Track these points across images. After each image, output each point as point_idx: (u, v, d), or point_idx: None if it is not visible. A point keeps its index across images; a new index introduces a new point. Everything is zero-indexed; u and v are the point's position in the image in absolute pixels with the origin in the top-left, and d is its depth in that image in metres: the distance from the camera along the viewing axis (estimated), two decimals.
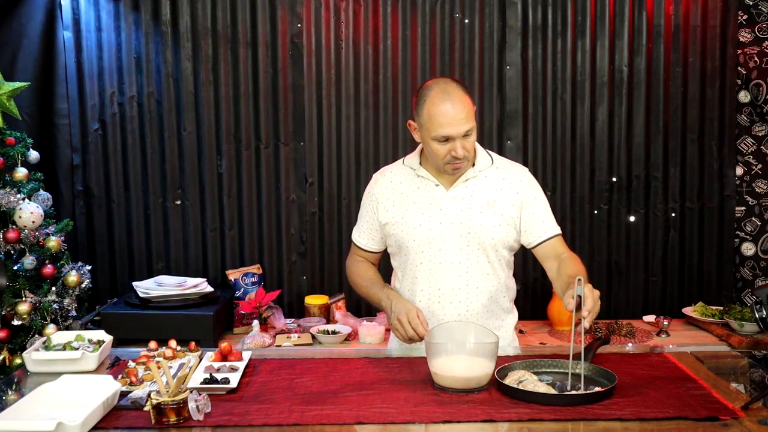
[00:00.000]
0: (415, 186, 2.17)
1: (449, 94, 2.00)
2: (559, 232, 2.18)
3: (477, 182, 2.14)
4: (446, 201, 2.13)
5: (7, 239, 2.80)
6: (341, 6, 3.40)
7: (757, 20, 3.42)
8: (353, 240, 2.33)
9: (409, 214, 2.14)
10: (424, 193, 2.15)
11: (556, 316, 3.32)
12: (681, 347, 2.19)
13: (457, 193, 2.13)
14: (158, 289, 3.15)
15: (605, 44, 3.44)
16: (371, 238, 2.27)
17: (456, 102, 2.00)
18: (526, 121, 3.48)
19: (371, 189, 2.24)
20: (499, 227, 2.11)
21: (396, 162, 2.29)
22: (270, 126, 3.45)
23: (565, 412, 1.62)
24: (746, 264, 3.51)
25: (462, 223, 2.11)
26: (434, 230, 2.11)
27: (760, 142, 3.46)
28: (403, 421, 1.60)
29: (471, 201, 2.12)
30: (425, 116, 2.02)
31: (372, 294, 2.20)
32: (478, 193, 2.13)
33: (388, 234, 2.19)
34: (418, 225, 2.12)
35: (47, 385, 1.73)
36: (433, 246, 2.12)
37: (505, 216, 2.12)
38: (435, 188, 2.15)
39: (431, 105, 2.01)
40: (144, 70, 3.40)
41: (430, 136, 2.03)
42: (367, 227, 2.26)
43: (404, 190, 2.18)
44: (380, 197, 2.20)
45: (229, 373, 1.86)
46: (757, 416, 1.59)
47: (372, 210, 2.22)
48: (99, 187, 3.46)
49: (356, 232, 2.31)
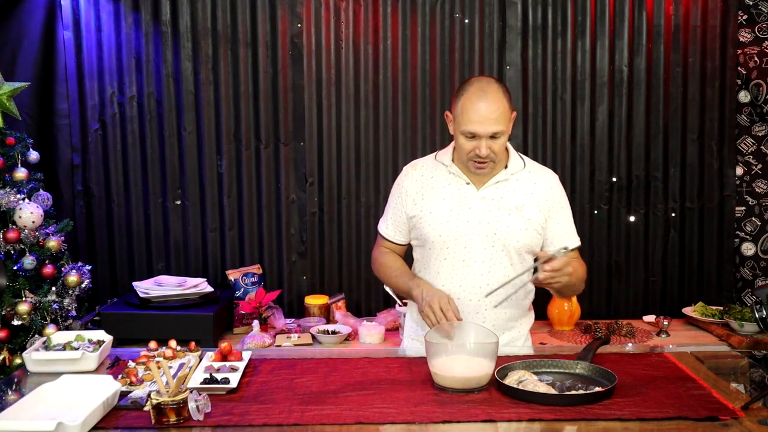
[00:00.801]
0: (446, 182, 2.18)
1: (486, 93, 2.03)
2: (579, 245, 2.22)
3: (508, 185, 2.16)
4: (476, 200, 2.14)
5: (7, 239, 2.80)
6: (341, 6, 3.40)
7: (757, 20, 3.42)
8: (380, 231, 2.33)
9: (438, 209, 2.15)
10: (454, 190, 2.16)
11: (556, 316, 3.32)
12: (681, 347, 2.19)
13: (487, 194, 2.14)
14: (158, 289, 3.15)
15: (605, 44, 3.44)
16: (398, 230, 2.27)
17: (491, 102, 2.01)
18: (526, 121, 3.48)
19: (401, 181, 2.26)
20: (525, 231, 2.12)
21: (427, 156, 2.30)
22: (270, 126, 3.45)
23: (565, 412, 1.62)
24: (746, 264, 3.51)
25: (489, 224, 2.12)
26: (461, 228, 2.12)
27: (760, 142, 3.46)
28: (403, 421, 1.60)
29: (500, 203, 2.13)
30: (459, 109, 2.06)
31: (401, 283, 2.20)
32: (508, 195, 2.14)
33: (414, 227, 2.20)
34: (446, 221, 2.14)
35: (47, 385, 1.73)
36: (458, 243, 2.13)
37: (532, 221, 2.13)
38: (465, 186, 2.16)
39: (467, 99, 2.04)
40: (144, 70, 3.40)
41: (459, 130, 2.07)
42: (394, 219, 2.27)
43: (434, 185, 2.19)
44: (410, 190, 2.21)
45: (229, 373, 1.86)
46: (757, 416, 1.59)
47: (401, 202, 2.23)
48: (99, 187, 3.46)
49: (383, 224, 2.32)
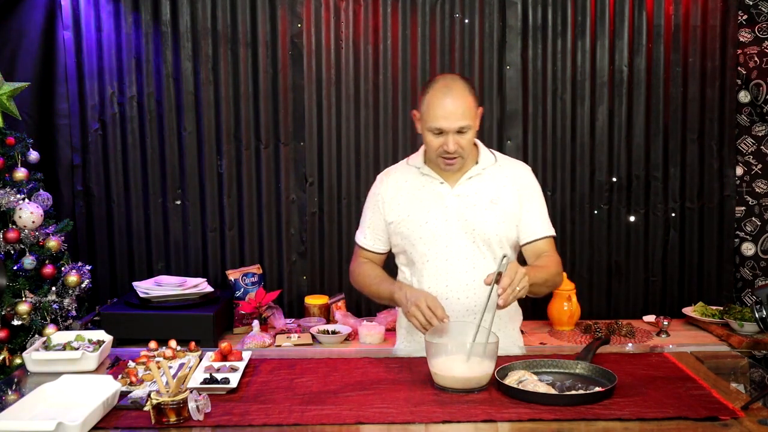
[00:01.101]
0: (420, 184, 2.19)
1: (451, 89, 2.05)
2: (552, 234, 2.21)
3: (481, 179, 2.17)
4: (451, 198, 2.15)
5: (7, 239, 2.80)
6: (341, 6, 3.40)
7: (757, 20, 3.42)
8: (358, 243, 2.32)
9: (415, 212, 2.16)
10: (429, 191, 2.17)
11: (556, 316, 3.32)
12: (681, 347, 2.18)
13: (461, 191, 2.15)
14: (158, 289, 3.15)
15: (605, 44, 3.44)
16: (377, 239, 2.27)
17: (456, 97, 2.03)
18: (526, 121, 3.48)
19: (376, 189, 2.26)
20: (503, 224, 2.14)
21: (400, 162, 2.32)
22: (270, 126, 3.45)
23: (565, 412, 1.62)
24: (746, 264, 3.51)
25: (467, 220, 2.13)
26: (440, 227, 2.13)
27: (760, 142, 3.46)
28: (403, 421, 1.60)
29: (476, 198, 2.15)
30: (425, 106, 2.07)
31: (382, 290, 2.18)
32: (483, 190, 2.16)
33: (394, 232, 2.20)
34: (425, 222, 2.14)
35: (47, 385, 1.73)
36: (439, 243, 2.14)
37: (508, 213, 2.15)
38: (440, 186, 2.17)
39: (432, 96, 2.06)
40: (144, 70, 3.40)
41: (426, 127, 2.08)
42: (372, 228, 2.27)
43: (409, 189, 2.20)
44: (386, 197, 2.22)
45: (229, 373, 1.86)
46: (757, 416, 1.59)
47: (378, 210, 2.23)
48: (99, 187, 3.46)
49: (360, 235, 2.31)
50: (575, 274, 3.51)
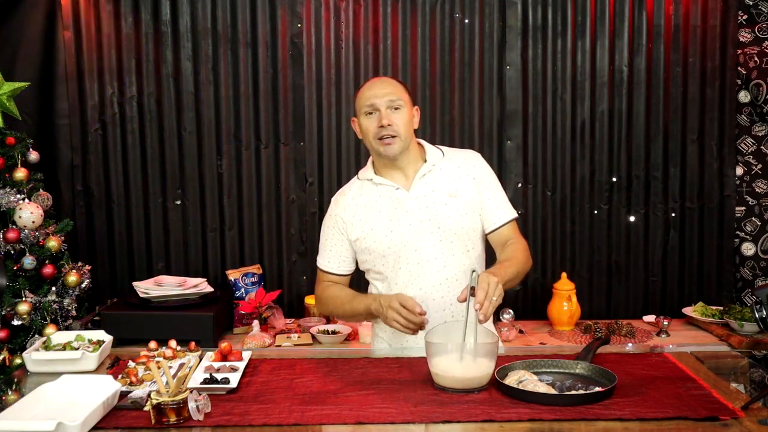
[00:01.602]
0: (377, 195, 2.18)
1: (380, 78, 2.20)
2: (514, 216, 2.21)
3: (434, 176, 2.16)
4: (410, 201, 2.14)
5: (7, 239, 2.80)
6: (341, 6, 3.40)
7: (757, 20, 3.42)
8: (321, 268, 2.27)
9: (378, 224, 2.14)
10: (386, 200, 2.16)
11: (555, 316, 3.32)
12: (681, 347, 2.19)
13: (418, 191, 2.14)
14: (158, 289, 3.15)
15: (605, 44, 3.44)
16: (342, 261, 2.23)
17: (384, 80, 2.19)
18: (526, 121, 3.48)
19: (333, 212, 2.23)
20: (466, 215, 2.13)
21: (351, 180, 2.30)
22: (270, 126, 3.45)
23: (565, 412, 1.62)
24: (746, 264, 3.51)
25: (430, 219, 2.12)
26: (405, 233, 2.12)
27: (760, 142, 3.46)
28: (403, 421, 1.60)
29: (434, 195, 2.14)
30: (357, 98, 2.16)
31: (356, 305, 2.14)
32: (438, 186, 2.15)
33: (361, 249, 2.18)
34: (390, 231, 2.13)
35: (47, 385, 1.73)
36: (409, 248, 2.12)
37: (469, 203, 2.15)
38: (396, 192, 2.15)
39: (362, 87, 2.17)
40: (144, 70, 3.40)
41: (360, 113, 2.13)
42: (334, 251, 2.23)
43: (367, 203, 2.18)
44: (345, 216, 2.19)
45: (229, 373, 1.86)
46: (757, 416, 1.59)
47: (339, 231, 2.21)
48: (99, 187, 3.46)
49: (323, 260, 2.26)
50: (575, 274, 3.51)
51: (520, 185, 3.49)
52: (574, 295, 3.32)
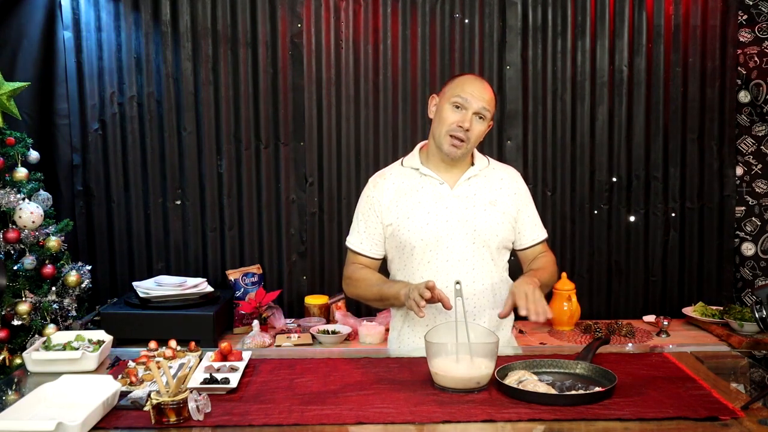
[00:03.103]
0: (419, 185, 2.18)
1: (481, 80, 2.16)
2: (547, 236, 2.28)
3: (478, 181, 2.18)
4: (451, 199, 2.15)
5: (7, 239, 2.80)
6: (341, 6, 3.40)
7: (757, 20, 3.42)
8: (351, 248, 2.25)
9: (415, 214, 2.14)
10: (428, 192, 2.16)
11: (556, 316, 3.31)
12: (681, 347, 2.19)
13: (461, 192, 2.15)
14: (158, 289, 3.15)
15: (605, 44, 3.44)
16: (374, 243, 2.22)
17: (486, 85, 2.14)
18: (526, 121, 3.48)
19: (370, 193, 2.22)
20: (501, 225, 2.15)
21: (393, 164, 2.29)
22: (270, 126, 3.45)
23: (565, 412, 1.62)
24: (746, 264, 3.51)
25: (468, 221, 2.13)
26: (441, 228, 2.12)
27: (760, 142, 3.46)
28: (402, 421, 1.60)
29: (475, 199, 2.15)
30: (455, 83, 2.14)
31: (386, 289, 2.10)
32: (481, 191, 2.17)
33: (392, 235, 2.17)
34: (425, 224, 2.13)
35: (47, 385, 1.73)
36: (441, 244, 2.13)
37: (506, 215, 2.17)
38: (440, 186, 2.16)
39: (464, 78, 2.14)
40: (144, 70, 3.40)
41: (449, 100, 2.11)
42: (368, 232, 2.21)
43: (407, 190, 2.18)
44: (382, 199, 2.18)
45: (229, 373, 1.86)
46: (757, 416, 1.59)
47: (374, 213, 2.19)
48: (99, 187, 3.46)
49: (355, 240, 2.24)
50: (575, 274, 3.51)
51: None
52: (574, 295, 3.32)
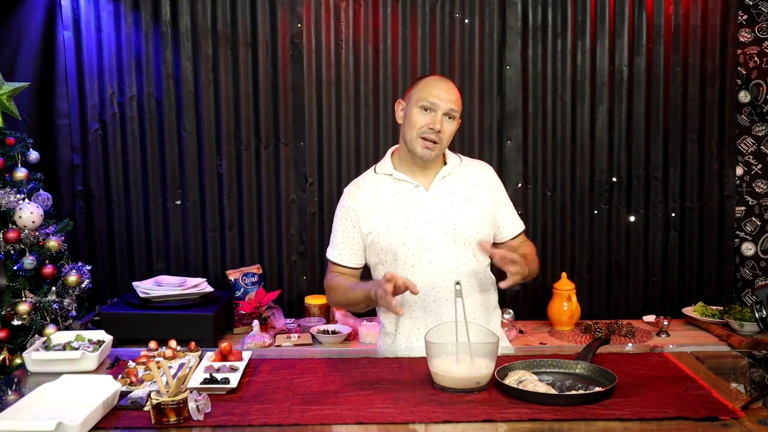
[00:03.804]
0: (394, 191, 2.18)
1: (446, 80, 2.17)
2: (523, 228, 2.31)
3: (453, 179, 2.19)
4: (428, 201, 2.15)
5: (7, 239, 2.80)
6: (341, 6, 3.40)
7: (757, 20, 3.42)
8: (331, 260, 2.25)
9: (393, 220, 2.14)
10: (404, 197, 2.16)
11: (556, 316, 3.31)
12: (681, 347, 2.19)
13: (437, 192, 2.16)
14: (158, 289, 3.15)
15: (605, 44, 3.44)
16: (353, 253, 2.22)
17: (451, 85, 2.15)
18: (526, 121, 3.48)
19: (346, 203, 2.22)
20: (480, 221, 2.16)
21: (367, 172, 2.29)
22: (270, 126, 3.45)
23: (565, 412, 1.62)
24: (746, 264, 3.51)
25: (447, 221, 2.13)
26: (420, 231, 2.13)
27: (760, 142, 3.46)
28: (403, 421, 1.60)
29: (451, 198, 2.16)
30: (419, 86, 2.14)
31: (357, 292, 2.09)
32: (457, 189, 2.17)
33: (372, 243, 2.17)
34: (405, 228, 2.13)
35: (47, 385, 1.73)
36: (422, 246, 2.13)
37: (484, 210, 2.18)
38: (415, 189, 2.16)
39: (430, 79, 2.16)
40: (144, 70, 3.40)
41: (416, 104, 2.11)
42: (346, 243, 2.21)
43: (383, 197, 2.18)
44: (359, 209, 2.18)
45: (229, 373, 1.86)
46: (757, 416, 1.59)
47: (351, 223, 2.20)
48: (99, 187, 3.46)
49: (334, 251, 2.24)
50: (575, 274, 3.51)
51: (520, 185, 3.49)
52: (574, 295, 3.32)
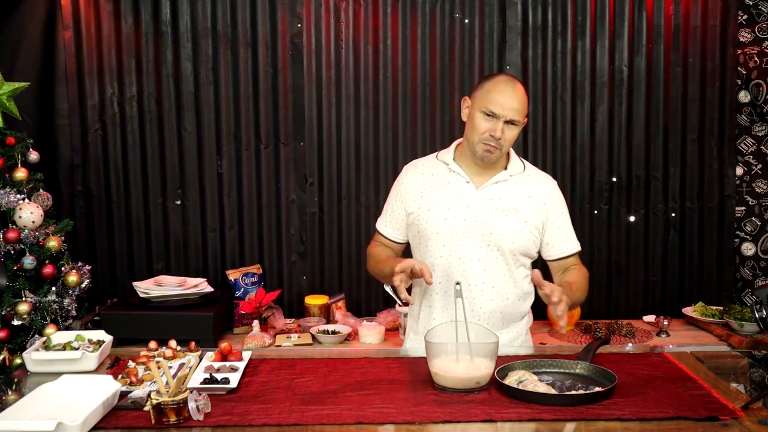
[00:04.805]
0: (446, 180, 2.20)
1: (514, 83, 2.12)
2: (579, 249, 2.25)
3: (507, 186, 2.18)
4: (474, 199, 2.15)
5: (7, 239, 2.80)
6: (341, 6, 3.40)
7: (757, 20, 3.42)
8: (378, 229, 2.34)
9: (436, 206, 2.17)
10: (453, 188, 2.18)
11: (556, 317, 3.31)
12: (681, 347, 2.19)
13: (485, 193, 2.16)
14: (158, 289, 3.15)
15: (605, 44, 3.44)
16: (396, 228, 2.28)
17: (517, 90, 2.11)
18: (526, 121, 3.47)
19: (401, 179, 2.28)
20: (521, 233, 2.14)
21: (429, 156, 2.33)
22: (270, 126, 3.45)
23: (565, 412, 1.62)
24: (746, 264, 3.51)
25: (486, 223, 2.13)
26: (457, 225, 2.14)
27: (760, 142, 3.46)
28: (403, 421, 1.60)
29: (498, 203, 2.15)
30: (484, 89, 2.11)
31: (386, 266, 2.12)
32: (506, 197, 2.16)
33: (412, 223, 2.21)
34: (443, 218, 2.15)
35: (47, 385, 1.73)
36: (455, 241, 2.14)
37: (528, 224, 2.15)
38: (465, 185, 2.17)
39: (495, 82, 2.11)
40: (144, 70, 3.40)
41: (480, 108, 2.09)
42: (393, 216, 2.28)
43: (434, 183, 2.21)
44: (409, 187, 2.23)
45: (229, 373, 1.86)
46: (757, 416, 1.59)
47: (400, 199, 2.25)
48: (99, 187, 3.45)
49: (381, 221, 2.33)
50: None
51: None
52: None
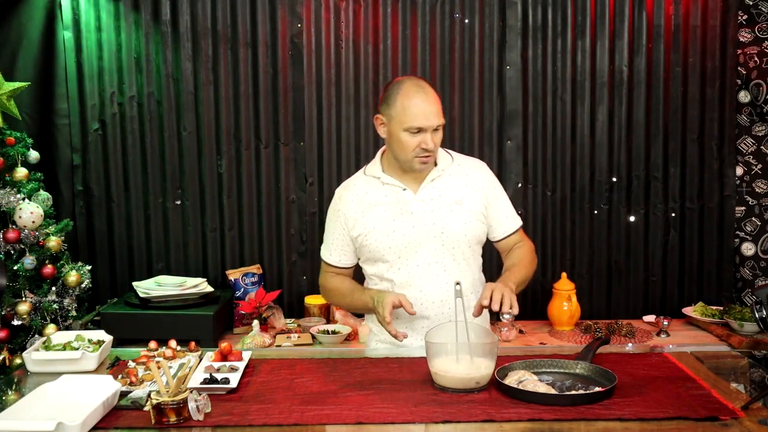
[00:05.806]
0: (382, 194, 2.17)
1: (423, 89, 2.06)
2: (521, 224, 2.28)
3: (442, 181, 2.17)
4: (416, 204, 2.14)
5: (7, 239, 2.80)
6: (341, 6, 3.40)
7: (757, 20, 3.42)
8: (324, 259, 2.29)
9: (381, 223, 2.14)
10: (392, 200, 2.15)
11: (556, 316, 3.32)
12: (681, 347, 2.19)
13: (425, 195, 2.15)
14: (158, 289, 3.15)
15: (605, 44, 3.44)
16: (343, 254, 2.24)
17: (429, 96, 2.06)
18: (526, 121, 3.48)
19: (336, 206, 2.23)
20: (469, 223, 2.15)
21: (357, 174, 2.28)
22: (270, 126, 3.45)
23: (565, 412, 1.62)
24: (746, 264, 3.51)
25: (434, 224, 2.12)
26: (408, 234, 2.12)
27: (760, 142, 3.46)
28: (403, 421, 1.60)
29: (440, 200, 2.14)
30: (398, 108, 2.05)
31: (356, 300, 2.17)
32: (446, 191, 2.16)
33: (362, 245, 2.17)
34: (392, 232, 2.12)
35: (47, 385, 1.73)
36: (409, 250, 2.13)
37: (473, 212, 2.16)
38: (403, 193, 2.15)
39: (405, 97, 2.05)
40: (144, 70, 3.40)
41: (402, 128, 2.06)
42: (337, 244, 2.24)
43: (371, 200, 2.17)
44: (348, 212, 2.19)
45: (229, 373, 1.86)
46: (757, 416, 1.59)
47: (341, 226, 2.21)
48: (99, 187, 3.46)
49: (326, 251, 2.28)
50: (575, 274, 3.51)
51: (520, 185, 3.49)
52: (574, 295, 3.32)
